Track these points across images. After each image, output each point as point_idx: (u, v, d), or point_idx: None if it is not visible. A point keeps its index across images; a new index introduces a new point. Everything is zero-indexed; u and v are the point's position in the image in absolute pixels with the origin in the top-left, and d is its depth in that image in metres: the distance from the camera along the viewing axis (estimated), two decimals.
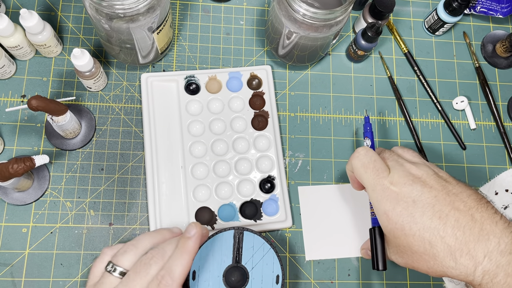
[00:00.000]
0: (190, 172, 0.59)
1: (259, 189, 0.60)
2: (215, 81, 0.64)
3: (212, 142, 0.61)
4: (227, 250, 0.51)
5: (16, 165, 0.48)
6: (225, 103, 0.63)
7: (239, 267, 0.51)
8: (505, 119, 0.68)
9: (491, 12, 0.70)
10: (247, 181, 0.60)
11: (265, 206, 0.59)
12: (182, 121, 0.61)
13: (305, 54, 0.61)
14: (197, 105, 0.62)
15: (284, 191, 0.60)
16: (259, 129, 0.62)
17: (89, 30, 0.64)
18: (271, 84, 0.64)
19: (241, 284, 0.50)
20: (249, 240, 0.52)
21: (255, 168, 0.61)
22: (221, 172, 0.60)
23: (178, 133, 0.61)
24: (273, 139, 0.62)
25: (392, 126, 0.66)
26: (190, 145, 0.60)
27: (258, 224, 0.59)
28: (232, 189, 0.59)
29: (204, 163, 0.60)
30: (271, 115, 0.63)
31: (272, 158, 0.61)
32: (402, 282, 0.60)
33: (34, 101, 0.48)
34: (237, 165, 0.60)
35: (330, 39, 0.58)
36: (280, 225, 0.59)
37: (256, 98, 0.64)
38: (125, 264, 0.44)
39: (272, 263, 0.51)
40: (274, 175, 0.60)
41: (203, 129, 0.61)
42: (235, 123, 0.62)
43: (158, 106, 0.61)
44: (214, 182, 0.59)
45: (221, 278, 0.50)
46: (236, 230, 0.52)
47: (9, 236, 0.56)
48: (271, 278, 0.51)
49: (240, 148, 0.61)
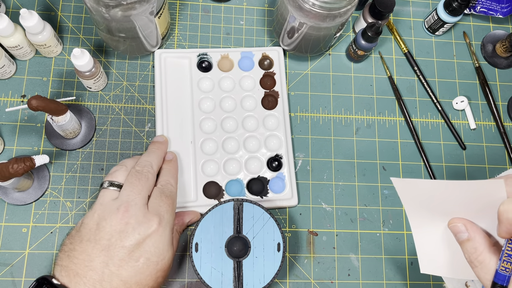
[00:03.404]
0: (200, 147, 0.61)
1: (267, 167, 0.61)
2: (227, 59, 0.65)
3: (222, 119, 0.62)
4: (227, 222, 0.52)
5: (16, 165, 0.48)
6: (236, 82, 0.64)
7: (240, 237, 0.52)
8: (505, 119, 0.68)
9: (491, 12, 0.70)
10: (255, 158, 0.61)
11: (272, 184, 0.60)
12: (194, 98, 0.62)
13: (308, 44, 0.62)
14: (208, 83, 0.63)
15: (291, 170, 0.61)
16: (269, 109, 0.63)
17: (89, 30, 0.64)
18: (282, 65, 0.65)
19: (243, 253, 0.52)
20: (248, 210, 0.53)
21: (264, 146, 0.62)
22: (230, 148, 0.61)
23: (189, 109, 0.62)
24: (282, 119, 0.63)
25: (392, 126, 0.66)
26: (201, 121, 0.62)
27: (264, 201, 0.60)
28: (240, 166, 0.61)
29: (214, 139, 0.61)
30: (281, 95, 0.64)
31: (281, 137, 0.62)
32: (402, 282, 0.60)
33: (34, 101, 0.48)
34: (245, 142, 0.62)
35: (332, 31, 0.59)
36: (286, 203, 0.60)
37: (267, 78, 0.65)
38: (119, 179, 0.50)
39: (272, 231, 0.53)
40: (282, 153, 0.61)
41: (214, 106, 0.62)
42: (245, 101, 0.63)
43: (171, 82, 0.62)
44: (222, 157, 0.61)
45: (223, 249, 0.52)
46: (235, 202, 0.53)
47: (9, 236, 0.56)
48: (272, 246, 0.52)
49: (250, 126, 0.62)
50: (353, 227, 0.61)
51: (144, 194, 0.49)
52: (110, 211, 0.47)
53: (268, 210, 0.53)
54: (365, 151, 0.65)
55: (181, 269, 0.57)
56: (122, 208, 0.47)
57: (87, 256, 0.45)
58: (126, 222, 0.46)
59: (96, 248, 0.45)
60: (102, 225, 0.46)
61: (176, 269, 0.57)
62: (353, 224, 0.62)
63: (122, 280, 0.45)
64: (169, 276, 0.57)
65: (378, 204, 0.63)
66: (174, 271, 0.57)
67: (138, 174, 0.50)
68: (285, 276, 0.59)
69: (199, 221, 0.52)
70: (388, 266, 0.60)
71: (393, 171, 0.64)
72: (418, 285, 0.60)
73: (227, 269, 0.51)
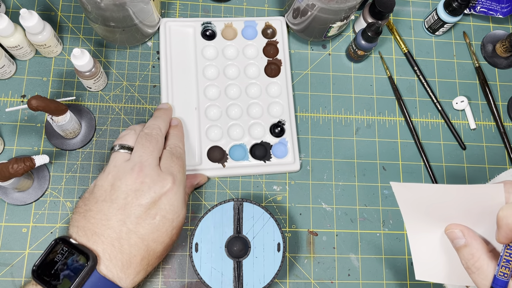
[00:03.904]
0: (204, 113, 0.62)
1: (270, 132, 0.62)
2: (231, 28, 0.66)
3: (226, 86, 0.63)
4: (227, 221, 0.53)
5: (16, 165, 0.48)
6: (239, 50, 0.65)
7: (240, 237, 0.52)
8: (505, 119, 0.68)
9: (491, 12, 0.70)
10: (258, 124, 0.62)
11: (274, 149, 0.62)
12: (198, 65, 0.63)
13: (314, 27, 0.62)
14: (212, 50, 0.65)
15: (294, 136, 0.62)
16: (272, 76, 0.64)
17: (89, 30, 0.64)
18: (285, 34, 0.66)
19: (243, 253, 0.52)
20: (248, 210, 0.53)
21: (267, 112, 0.63)
22: (234, 114, 0.62)
23: (193, 76, 0.63)
24: (285, 87, 0.64)
25: (392, 126, 0.66)
26: (205, 88, 0.63)
27: (267, 165, 0.61)
28: (244, 131, 0.62)
29: (217, 105, 0.62)
30: (283, 64, 0.65)
31: (283, 104, 0.63)
32: (402, 282, 0.60)
33: (34, 101, 0.48)
34: (249, 108, 0.63)
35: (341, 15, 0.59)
36: (289, 168, 0.61)
37: (270, 47, 0.66)
38: (129, 142, 0.51)
39: (272, 231, 0.53)
40: (284, 120, 0.62)
41: (218, 73, 0.64)
42: (249, 69, 0.65)
43: (175, 50, 0.63)
44: (226, 123, 0.62)
45: (223, 249, 0.52)
46: (235, 202, 0.53)
47: (9, 236, 0.56)
48: (272, 246, 0.52)
49: (253, 93, 0.64)
50: (353, 227, 0.62)
51: (155, 155, 0.50)
52: (125, 172, 0.48)
53: (268, 210, 0.53)
54: (365, 151, 0.65)
55: (181, 269, 0.57)
56: (137, 168, 0.48)
57: (104, 216, 0.46)
58: (142, 181, 0.47)
59: (113, 207, 0.46)
60: (117, 185, 0.47)
61: (176, 269, 0.57)
62: (353, 224, 0.62)
63: (140, 237, 0.46)
64: (169, 276, 0.57)
65: (378, 204, 0.63)
66: (174, 271, 0.57)
67: (148, 136, 0.51)
68: (285, 276, 0.59)
69: (199, 221, 0.52)
70: (388, 266, 0.61)
71: (393, 171, 0.64)
72: (418, 285, 0.60)
73: (227, 269, 0.51)
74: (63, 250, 0.44)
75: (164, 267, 0.57)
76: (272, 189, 0.62)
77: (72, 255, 0.44)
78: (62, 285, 0.43)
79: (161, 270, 0.57)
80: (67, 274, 0.43)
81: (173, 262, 0.57)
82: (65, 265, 0.44)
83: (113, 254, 0.45)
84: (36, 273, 0.44)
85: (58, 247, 0.45)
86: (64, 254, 0.44)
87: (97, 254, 0.44)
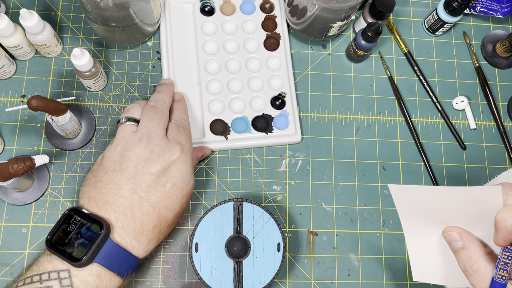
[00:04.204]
0: (205, 87, 0.63)
1: (271, 105, 0.63)
2: (229, 4, 0.67)
3: (226, 60, 0.64)
4: (227, 222, 0.53)
5: (16, 165, 0.48)
6: (238, 25, 0.66)
7: (240, 237, 0.52)
8: (505, 119, 0.68)
9: (491, 12, 0.70)
10: (259, 97, 0.63)
11: (276, 121, 0.63)
12: (198, 41, 0.64)
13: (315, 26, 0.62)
14: (212, 26, 0.66)
15: (294, 108, 0.63)
16: (271, 50, 0.65)
17: (89, 30, 0.64)
18: (282, 8, 0.67)
19: (243, 253, 0.52)
20: (248, 210, 0.53)
21: (267, 85, 0.64)
22: (235, 88, 0.63)
23: (194, 52, 0.64)
24: (285, 60, 0.65)
25: (392, 126, 0.66)
26: (205, 63, 0.64)
27: (269, 137, 0.62)
28: (245, 104, 0.63)
29: (218, 79, 0.63)
30: (282, 37, 0.66)
31: (283, 77, 0.64)
32: (402, 282, 0.60)
33: (34, 101, 0.48)
34: (249, 82, 0.64)
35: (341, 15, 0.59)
36: (290, 139, 0.63)
37: (269, 21, 0.67)
38: (135, 115, 0.52)
39: (272, 231, 0.53)
40: (285, 92, 0.63)
41: (218, 48, 0.65)
42: (248, 43, 0.65)
43: (175, 27, 0.64)
44: (227, 97, 0.63)
45: (223, 249, 0.52)
46: (235, 202, 0.53)
47: (9, 236, 0.56)
48: (272, 246, 0.52)
49: (253, 67, 0.65)
50: (353, 227, 0.61)
51: (162, 126, 0.51)
52: (133, 142, 0.49)
53: (268, 210, 0.53)
54: (365, 151, 0.65)
55: (181, 269, 0.57)
56: (145, 138, 0.49)
57: (115, 185, 0.47)
58: (151, 150, 0.48)
59: (123, 177, 0.47)
60: (126, 155, 0.48)
61: (176, 269, 0.57)
62: (353, 224, 0.62)
63: (152, 205, 0.47)
64: (169, 276, 0.57)
65: (378, 204, 0.63)
66: (174, 271, 0.57)
67: (153, 108, 0.52)
68: (285, 276, 0.59)
69: (199, 221, 0.52)
70: (388, 266, 0.61)
71: (393, 171, 0.64)
72: (418, 285, 0.60)
73: (227, 269, 0.51)
74: (76, 220, 0.45)
75: (164, 267, 0.57)
76: (272, 189, 0.62)
77: (85, 224, 0.45)
78: (77, 253, 0.43)
79: (161, 270, 0.57)
80: (81, 242, 0.44)
81: (173, 262, 0.57)
82: (78, 234, 0.44)
83: (125, 222, 0.46)
84: (50, 243, 0.44)
85: (71, 217, 0.45)
86: (77, 224, 0.45)
87: (110, 222, 0.45)
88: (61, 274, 0.43)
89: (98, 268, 0.44)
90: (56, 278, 0.43)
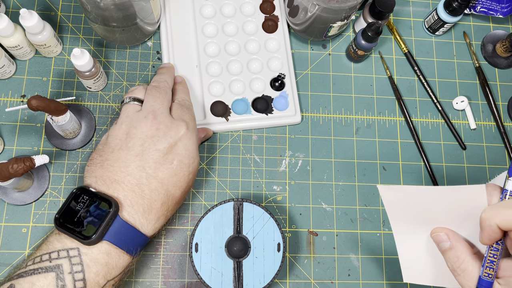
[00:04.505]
0: (205, 69, 0.63)
1: (270, 86, 0.64)
2: None
3: (225, 43, 0.65)
4: (227, 222, 0.52)
5: (16, 165, 0.48)
6: (237, 8, 0.67)
7: (240, 237, 0.52)
8: (505, 119, 0.68)
9: (491, 12, 0.70)
10: (259, 79, 0.64)
11: (275, 102, 0.63)
12: (197, 24, 0.65)
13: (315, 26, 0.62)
14: (210, 9, 0.66)
15: (294, 89, 0.64)
16: (270, 32, 0.66)
17: (89, 30, 0.64)
18: None
19: (243, 253, 0.52)
20: (248, 210, 0.53)
21: (266, 67, 0.65)
22: (234, 70, 0.64)
23: (193, 35, 0.65)
24: (283, 42, 0.66)
25: (392, 126, 0.66)
26: (205, 46, 0.64)
27: (269, 118, 0.63)
28: (245, 86, 0.64)
29: (218, 62, 0.64)
30: (280, 20, 0.67)
31: (282, 58, 0.65)
32: (402, 282, 0.60)
33: (34, 101, 0.48)
34: (249, 64, 0.65)
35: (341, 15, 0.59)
36: (290, 120, 0.63)
37: (267, 4, 0.67)
38: (139, 95, 0.52)
39: (272, 231, 0.53)
40: (284, 73, 0.64)
41: (217, 31, 0.65)
42: (247, 26, 0.66)
43: (174, 11, 0.65)
44: (227, 79, 0.64)
45: (223, 249, 0.52)
46: (235, 202, 0.53)
47: (9, 236, 0.56)
48: (273, 246, 0.52)
49: (252, 49, 0.65)
50: (353, 227, 0.61)
51: (166, 104, 0.51)
52: (138, 120, 0.49)
53: (268, 210, 0.53)
54: (365, 151, 0.65)
55: (181, 269, 0.57)
56: (150, 116, 0.49)
57: (122, 163, 0.47)
58: (157, 128, 0.48)
59: (130, 154, 0.47)
60: (132, 133, 0.48)
61: (176, 269, 0.57)
62: (353, 224, 0.62)
63: (160, 182, 0.47)
64: (169, 276, 0.57)
65: (378, 204, 0.63)
66: (174, 271, 0.57)
67: (156, 87, 0.53)
68: (285, 276, 0.59)
69: (199, 221, 0.52)
70: (388, 266, 0.60)
71: (393, 171, 0.64)
72: (418, 285, 0.60)
73: (227, 269, 0.51)
74: (84, 199, 0.45)
75: (164, 267, 0.57)
76: (272, 189, 0.62)
77: (93, 203, 0.45)
78: (86, 231, 0.44)
79: (161, 270, 0.57)
80: (90, 220, 0.44)
81: (173, 262, 0.57)
82: (87, 212, 0.45)
83: (134, 200, 0.46)
84: (58, 222, 0.45)
85: (79, 196, 0.45)
86: (85, 202, 0.45)
87: (118, 200, 0.45)
88: (70, 253, 0.43)
89: (108, 246, 0.44)
90: (66, 257, 0.43)
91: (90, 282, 0.43)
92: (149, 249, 0.57)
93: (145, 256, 0.57)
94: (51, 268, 0.42)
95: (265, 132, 0.63)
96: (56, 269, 0.42)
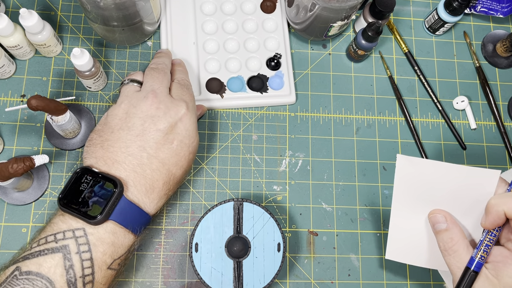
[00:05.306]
0: (202, 47, 0.64)
1: (266, 65, 0.64)
2: None
3: (223, 21, 0.65)
4: (227, 222, 0.52)
5: (16, 165, 0.48)
6: None
7: (240, 237, 0.52)
8: (506, 119, 0.68)
9: (492, 11, 0.70)
10: (255, 58, 0.65)
11: (271, 81, 0.64)
12: (196, 2, 0.66)
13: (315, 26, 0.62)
14: None
15: (289, 69, 0.65)
16: (268, 13, 0.67)
17: (89, 30, 0.64)
18: None
19: (243, 253, 0.52)
20: (248, 210, 0.53)
21: (263, 47, 0.65)
22: (231, 48, 0.65)
23: (191, 12, 0.65)
24: (281, 22, 0.66)
25: (392, 126, 0.66)
26: (202, 23, 0.65)
27: (264, 97, 0.63)
28: (241, 64, 0.64)
29: (215, 40, 0.65)
30: (279, 1, 0.67)
31: (279, 39, 0.66)
32: (402, 282, 0.60)
33: (34, 100, 0.48)
34: (246, 43, 0.65)
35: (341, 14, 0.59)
36: (285, 99, 0.64)
37: None
38: (138, 77, 0.53)
39: (272, 231, 0.53)
40: (280, 53, 0.64)
41: (215, 9, 0.66)
42: (245, 6, 0.67)
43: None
44: (224, 57, 0.64)
45: (223, 249, 0.52)
46: (235, 202, 0.53)
47: (9, 236, 0.56)
48: (273, 246, 0.52)
49: (249, 28, 0.66)
50: (353, 227, 0.61)
51: (165, 84, 0.52)
52: (138, 99, 0.49)
53: (268, 210, 0.53)
54: (365, 151, 0.64)
55: (181, 269, 0.57)
56: (150, 95, 0.49)
57: (123, 143, 0.47)
58: (157, 107, 0.48)
59: (131, 134, 0.47)
60: (132, 112, 0.48)
61: (176, 269, 0.57)
62: (353, 224, 0.62)
63: (161, 162, 0.47)
64: (169, 276, 0.57)
65: (378, 204, 0.63)
66: (174, 271, 0.57)
67: (155, 69, 0.53)
68: (285, 276, 0.59)
69: (199, 221, 0.52)
70: (388, 266, 0.60)
71: (393, 171, 0.64)
72: (418, 285, 0.60)
73: (227, 269, 0.51)
74: (87, 179, 0.45)
75: (164, 267, 0.57)
76: (272, 189, 0.62)
77: (98, 183, 0.45)
78: (92, 211, 0.44)
79: (161, 270, 0.57)
80: (96, 200, 0.44)
81: (173, 262, 0.57)
82: (92, 192, 0.45)
83: (136, 179, 0.46)
84: (62, 202, 0.44)
85: (81, 177, 0.45)
86: (89, 183, 0.45)
87: (121, 180, 0.45)
88: (76, 233, 0.43)
89: (113, 225, 0.45)
90: (72, 237, 0.43)
91: (98, 261, 0.43)
92: (149, 249, 0.57)
93: (145, 256, 0.57)
94: (57, 249, 0.42)
95: (265, 132, 0.63)
96: (63, 249, 0.42)
